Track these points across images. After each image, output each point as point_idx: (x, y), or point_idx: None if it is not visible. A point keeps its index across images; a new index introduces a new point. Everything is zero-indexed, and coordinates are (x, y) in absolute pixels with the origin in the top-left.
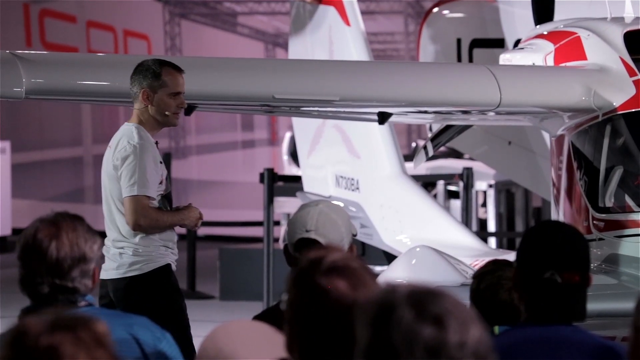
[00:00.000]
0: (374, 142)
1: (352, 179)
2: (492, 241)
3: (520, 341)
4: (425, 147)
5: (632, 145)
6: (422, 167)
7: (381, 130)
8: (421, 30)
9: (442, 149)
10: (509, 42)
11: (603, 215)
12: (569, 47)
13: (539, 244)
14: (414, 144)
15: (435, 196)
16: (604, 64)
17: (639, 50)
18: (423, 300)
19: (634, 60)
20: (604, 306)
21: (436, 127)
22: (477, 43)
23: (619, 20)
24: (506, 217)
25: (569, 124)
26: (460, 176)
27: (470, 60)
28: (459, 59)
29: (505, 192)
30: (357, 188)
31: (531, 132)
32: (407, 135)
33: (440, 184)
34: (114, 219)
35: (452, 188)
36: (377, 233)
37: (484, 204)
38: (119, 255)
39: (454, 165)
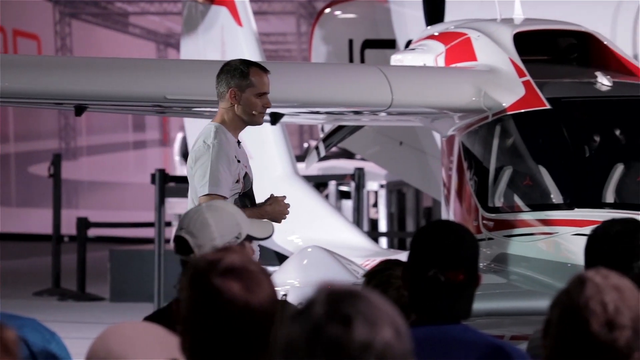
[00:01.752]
0: (266, 142)
1: None
2: (383, 241)
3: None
4: (317, 148)
5: (521, 146)
6: (314, 167)
7: (273, 130)
8: (313, 30)
9: (334, 149)
10: (401, 43)
11: (492, 215)
12: (459, 48)
13: (426, 243)
14: (306, 145)
15: (327, 196)
16: (494, 65)
17: (528, 51)
18: (339, 299)
19: (523, 61)
20: (493, 305)
21: (328, 128)
22: (368, 44)
23: (508, 21)
24: (397, 217)
25: (460, 124)
26: (352, 176)
27: (362, 60)
28: (351, 60)
29: (397, 192)
30: None
31: (422, 132)
32: (299, 136)
33: (332, 184)
34: None
35: (343, 188)
36: None
37: (375, 204)
38: None
39: (345, 165)
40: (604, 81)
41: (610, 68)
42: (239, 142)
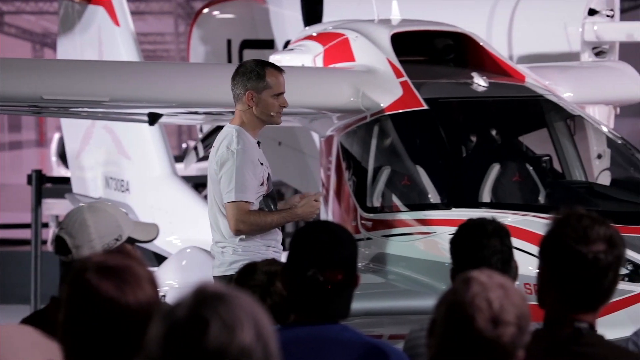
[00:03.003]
0: (144, 143)
1: (122, 180)
2: None
3: (289, 341)
4: (195, 148)
5: (399, 146)
6: (193, 168)
7: (151, 131)
8: (191, 31)
9: None
10: (279, 43)
11: (371, 215)
12: (337, 48)
13: (304, 243)
14: (184, 145)
15: (205, 197)
16: (372, 66)
17: (405, 51)
18: (201, 301)
19: (400, 61)
20: (371, 305)
21: (207, 128)
22: (247, 44)
23: (386, 22)
24: None
25: (338, 124)
26: None
27: (241, 61)
28: (230, 60)
29: (276, 192)
30: (127, 189)
31: (301, 132)
32: (178, 136)
33: None
34: (217, 221)
35: None
36: None
37: None
38: (221, 254)
39: None
40: (480, 82)
41: (486, 69)
42: (259, 143)
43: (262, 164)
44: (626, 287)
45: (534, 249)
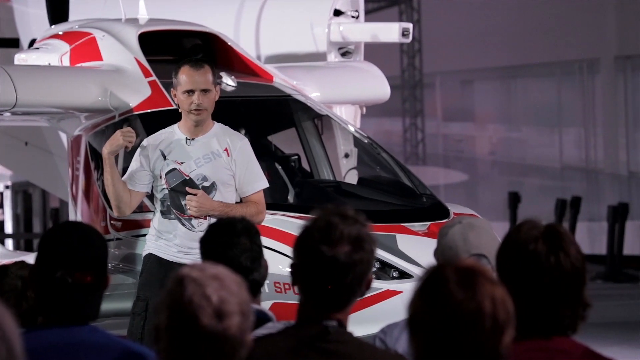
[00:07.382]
0: None
1: None
2: (9, 243)
3: (36, 344)
4: None
5: None
6: None
7: None
8: None
9: None
10: (24, 42)
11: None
12: (84, 47)
13: (52, 244)
14: None
15: None
16: (120, 65)
17: (153, 51)
18: None
19: (149, 61)
20: (120, 305)
21: None
22: None
23: (133, 21)
24: (23, 219)
25: (86, 124)
26: None
27: None
28: None
29: (22, 193)
30: None
31: (49, 132)
32: None
33: None
34: None
35: None
36: None
37: (1, 205)
38: None
39: None
40: (228, 81)
41: (234, 68)
42: (188, 139)
43: (165, 158)
44: (373, 285)
45: (284, 248)
